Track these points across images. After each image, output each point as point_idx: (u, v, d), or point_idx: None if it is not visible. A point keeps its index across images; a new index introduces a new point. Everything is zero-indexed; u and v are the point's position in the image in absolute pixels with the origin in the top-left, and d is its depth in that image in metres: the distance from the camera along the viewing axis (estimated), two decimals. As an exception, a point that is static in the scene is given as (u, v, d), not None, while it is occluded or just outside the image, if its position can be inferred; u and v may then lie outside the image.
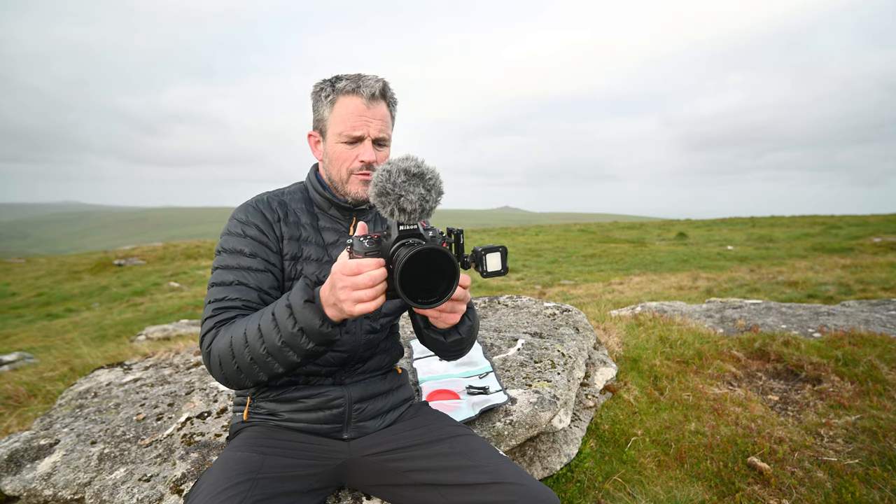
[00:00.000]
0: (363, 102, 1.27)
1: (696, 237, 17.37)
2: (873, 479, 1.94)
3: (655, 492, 1.92)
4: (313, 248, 1.33)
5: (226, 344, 1.12)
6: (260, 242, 1.28)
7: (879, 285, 5.95)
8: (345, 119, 1.27)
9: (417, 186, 0.97)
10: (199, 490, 1.11)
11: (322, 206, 1.38)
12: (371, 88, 1.26)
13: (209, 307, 1.21)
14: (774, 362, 3.00)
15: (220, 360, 1.13)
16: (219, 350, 1.13)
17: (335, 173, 1.32)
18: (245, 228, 1.28)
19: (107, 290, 13.51)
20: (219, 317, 1.19)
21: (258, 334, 1.08)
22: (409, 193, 0.96)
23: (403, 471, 1.27)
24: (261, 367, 1.10)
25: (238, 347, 1.10)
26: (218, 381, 1.18)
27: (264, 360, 1.09)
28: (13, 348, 6.41)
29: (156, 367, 2.53)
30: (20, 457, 1.70)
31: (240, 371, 1.12)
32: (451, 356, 1.36)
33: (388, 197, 0.97)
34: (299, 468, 1.24)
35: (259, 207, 1.32)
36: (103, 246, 72.82)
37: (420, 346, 2.43)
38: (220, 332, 1.16)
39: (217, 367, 1.14)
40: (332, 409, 1.32)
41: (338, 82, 1.29)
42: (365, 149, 1.28)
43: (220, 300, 1.20)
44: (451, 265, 0.96)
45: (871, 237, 13.60)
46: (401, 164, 0.98)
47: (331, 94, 1.29)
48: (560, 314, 2.86)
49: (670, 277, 8.55)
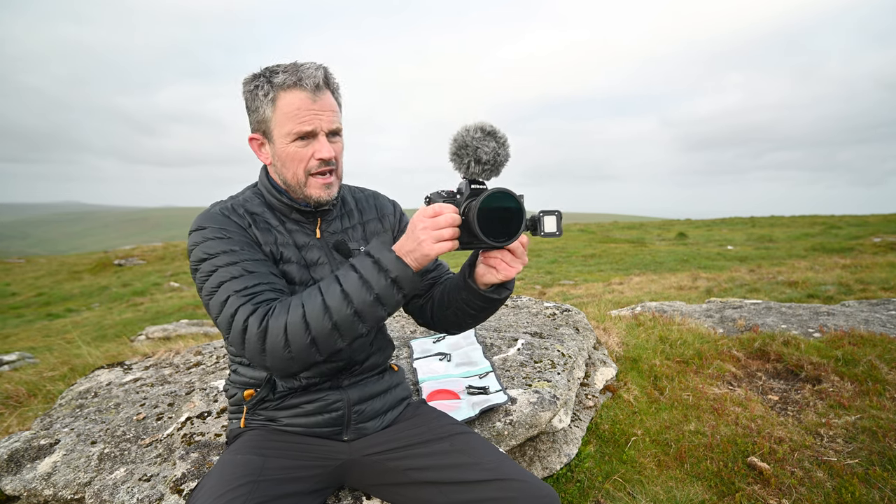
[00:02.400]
0: (308, 96, 1.17)
1: (696, 237, 17.37)
2: (873, 479, 1.94)
3: (655, 492, 1.92)
4: (291, 251, 1.27)
5: (296, 316, 1.06)
6: (246, 240, 1.21)
7: (879, 285, 5.95)
8: (291, 116, 1.17)
9: (491, 141, 1.09)
10: (199, 494, 1.11)
11: (283, 211, 1.30)
12: (314, 79, 1.17)
13: (235, 297, 1.11)
14: (774, 362, 3.00)
15: (288, 334, 1.06)
16: (283, 325, 1.06)
17: (290, 176, 1.24)
18: (225, 231, 1.19)
19: (107, 290, 13.51)
20: (255, 298, 1.11)
21: (342, 296, 1.06)
22: (484, 146, 1.08)
23: (404, 469, 1.27)
24: (344, 331, 1.08)
25: (315, 316, 1.06)
26: (272, 363, 1.09)
27: (350, 322, 1.07)
28: (13, 348, 6.41)
29: (156, 366, 2.53)
30: (20, 457, 1.70)
31: (313, 343, 1.07)
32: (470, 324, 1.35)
33: (467, 149, 1.08)
34: (300, 469, 1.24)
35: (226, 214, 1.23)
36: (103, 246, 72.79)
37: (420, 345, 2.43)
38: (277, 309, 1.08)
39: (280, 344, 1.06)
40: (332, 412, 1.31)
41: (274, 76, 1.18)
42: (321, 144, 1.20)
43: (242, 289, 1.12)
44: (520, 206, 1.09)
45: (871, 237, 13.60)
46: (476, 124, 1.10)
47: (269, 90, 1.18)
48: (560, 314, 2.87)
49: (670, 277, 8.56)
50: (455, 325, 1.37)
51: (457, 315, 1.32)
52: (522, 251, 1.16)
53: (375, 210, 1.46)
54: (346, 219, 1.39)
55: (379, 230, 1.43)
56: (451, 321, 1.36)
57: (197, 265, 1.18)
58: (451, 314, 1.33)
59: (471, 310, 1.28)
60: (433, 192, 1.14)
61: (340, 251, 1.34)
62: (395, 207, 1.51)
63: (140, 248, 20.40)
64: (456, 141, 1.09)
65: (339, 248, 1.34)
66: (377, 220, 1.45)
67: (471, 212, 1.07)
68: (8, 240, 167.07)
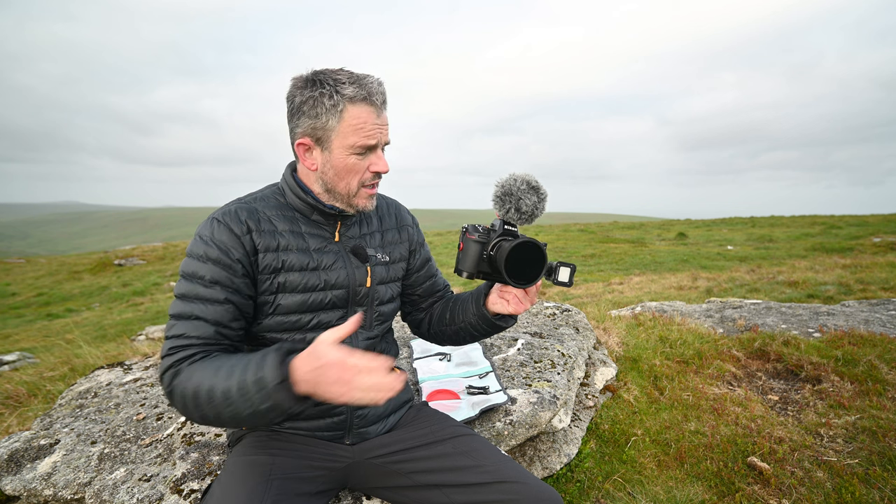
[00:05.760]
0: (374, 111, 1.18)
1: (696, 237, 17.37)
2: (873, 479, 1.94)
3: (655, 492, 1.92)
4: (295, 256, 1.24)
5: (192, 390, 1.04)
6: (222, 266, 1.16)
7: (879, 285, 5.95)
8: (358, 129, 1.17)
9: (533, 196, 1.22)
10: (213, 496, 1.11)
11: (304, 211, 1.29)
12: (381, 95, 1.19)
13: (167, 343, 1.13)
14: (774, 362, 3.00)
15: (186, 403, 1.06)
16: (183, 393, 1.06)
17: (342, 186, 1.23)
18: (207, 250, 1.16)
19: (107, 290, 13.51)
20: (176, 355, 1.11)
21: (224, 398, 1.01)
22: (527, 198, 1.21)
23: (407, 472, 1.28)
24: (227, 423, 1.06)
25: (203, 401, 1.03)
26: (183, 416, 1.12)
27: (230, 419, 1.04)
28: (13, 348, 6.41)
29: (156, 366, 2.53)
30: (20, 457, 1.70)
31: (205, 418, 1.06)
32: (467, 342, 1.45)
33: (511, 197, 1.21)
34: (307, 469, 1.24)
35: (225, 220, 1.20)
36: (103, 246, 72.70)
37: (420, 345, 2.43)
38: (183, 373, 1.08)
39: (182, 408, 1.07)
40: (334, 416, 1.31)
41: (341, 87, 1.16)
42: (378, 158, 1.23)
43: (177, 337, 1.12)
44: (544, 257, 1.21)
45: (871, 237, 13.60)
46: (524, 176, 1.22)
47: (339, 101, 1.16)
48: (560, 314, 2.87)
49: (670, 277, 8.56)
50: (453, 341, 1.46)
51: (458, 334, 1.42)
52: (535, 292, 1.28)
53: (395, 220, 1.47)
54: (364, 224, 1.39)
55: (397, 241, 1.44)
56: (450, 337, 1.44)
57: (180, 273, 1.20)
58: (451, 332, 1.42)
59: (475, 332, 1.38)
60: (470, 224, 1.27)
61: (358, 255, 1.32)
62: (414, 220, 1.53)
63: (140, 248, 20.40)
64: (503, 187, 1.22)
65: (356, 253, 1.32)
66: (395, 231, 1.45)
67: (500, 251, 1.20)
68: (8, 240, 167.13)
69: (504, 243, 1.20)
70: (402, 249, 1.44)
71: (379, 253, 1.37)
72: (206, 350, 1.13)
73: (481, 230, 1.26)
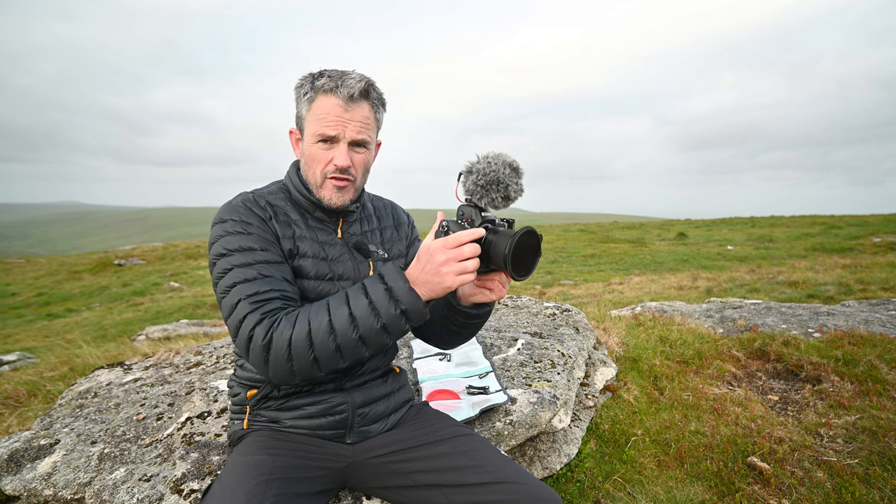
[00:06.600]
0: (340, 103, 1.21)
1: (696, 237, 17.37)
2: (873, 479, 1.94)
3: (655, 492, 1.92)
4: (308, 244, 1.29)
5: (301, 333, 1.07)
6: (267, 233, 1.23)
7: (879, 285, 5.95)
8: (320, 119, 1.22)
9: (520, 179, 1.12)
10: (213, 496, 1.11)
11: (307, 208, 1.33)
12: (350, 89, 1.20)
13: (245, 303, 1.12)
14: (774, 362, 3.00)
15: (292, 349, 1.07)
16: (288, 339, 1.07)
17: (310, 175, 1.28)
18: (246, 227, 1.21)
19: (107, 290, 13.52)
20: (263, 308, 1.11)
21: (349, 320, 1.07)
22: (514, 183, 1.11)
23: (407, 472, 1.28)
24: (347, 353, 1.08)
25: (320, 336, 1.06)
26: (273, 373, 1.10)
27: (354, 346, 1.08)
28: (13, 348, 6.41)
29: (156, 366, 2.53)
30: (20, 457, 1.70)
31: (315, 362, 1.08)
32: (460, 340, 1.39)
33: (499, 185, 1.09)
34: (307, 469, 1.25)
35: (248, 206, 1.25)
36: (103, 246, 72.73)
37: (420, 345, 2.43)
38: (283, 322, 1.09)
39: (283, 357, 1.08)
40: (335, 415, 1.32)
41: (319, 79, 1.22)
42: (339, 152, 1.23)
43: (253, 294, 1.13)
44: (539, 244, 1.15)
45: (871, 237, 13.60)
46: (502, 158, 1.10)
47: (309, 91, 1.23)
48: (560, 314, 2.87)
49: (670, 277, 8.56)
50: (443, 340, 1.42)
51: (443, 330, 1.37)
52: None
53: (392, 218, 1.52)
54: (365, 223, 1.44)
55: (395, 238, 1.49)
56: (439, 335, 1.41)
57: (215, 260, 1.20)
58: (438, 329, 1.39)
59: (454, 326, 1.33)
60: (450, 220, 1.16)
61: (361, 251, 1.37)
62: (409, 219, 1.58)
63: (140, 248, 20.40)
64: (486, 175, 1.09)
65: (359, 248, 1.37)
66: (393, 228, 1.50)
67: (497, 246, 1.10)
68: (8, 240, 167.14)
69: (500, 238, 1.11)
70: (400, 246, 1.49)
71: (379, 249, 1.42)
72: (287, 304, 1.16)
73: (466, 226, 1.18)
